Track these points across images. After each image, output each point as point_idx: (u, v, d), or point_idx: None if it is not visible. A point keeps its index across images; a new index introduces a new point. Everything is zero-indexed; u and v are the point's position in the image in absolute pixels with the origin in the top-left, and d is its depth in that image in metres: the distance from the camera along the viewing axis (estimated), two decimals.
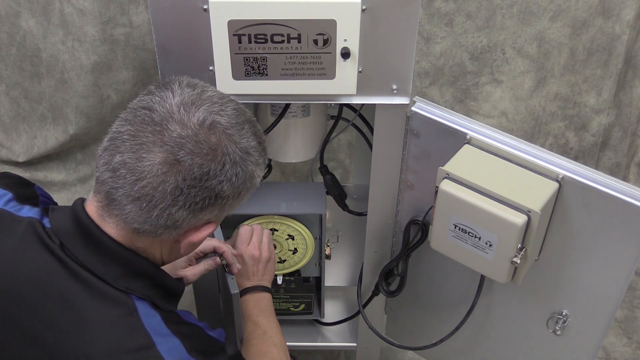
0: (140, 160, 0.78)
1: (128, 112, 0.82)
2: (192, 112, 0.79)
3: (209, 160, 0.79)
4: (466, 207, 0.96)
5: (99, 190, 0.83)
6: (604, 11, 1.80)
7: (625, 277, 0.97)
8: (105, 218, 0.83)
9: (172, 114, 0.79)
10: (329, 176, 1.31)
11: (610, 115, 1.98)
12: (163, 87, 0.82)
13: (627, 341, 1.84)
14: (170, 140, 0.78)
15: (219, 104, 0.82)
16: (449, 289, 1.23)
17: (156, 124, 0.79)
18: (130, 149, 0.79)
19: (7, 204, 0.88)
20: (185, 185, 0.79)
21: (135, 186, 0.79)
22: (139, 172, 0.78)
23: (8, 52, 1.81)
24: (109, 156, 0.80)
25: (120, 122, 0.82)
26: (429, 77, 1.90)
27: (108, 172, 0.80)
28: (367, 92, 1.02)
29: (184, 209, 0.80)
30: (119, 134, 0.80)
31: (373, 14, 0.94)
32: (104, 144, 0.82)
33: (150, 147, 0.78)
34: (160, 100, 0.80)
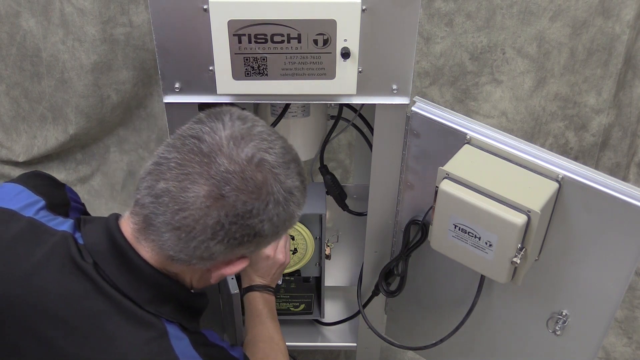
0: (184, 190, 0.77)
1: (176, 138, 0.81)
2: (241, 147, 0.79)
3: (254, 198, 0.78)
4: (466, 207, 0.96)
5: (138, 213, 0.82)
6: (603, 11, 1.80)
7: (625, 277, 0.97)
8: (141, 241, 0.83)
9: (221, 147, 0.78)
10: (329, 176, 1.31)
11: (610, 115, 1.98)
12: (214, 117, 0.81)
13: (627, 341, 1.84)
14: (217, 174, 0.77)
15: (268, 140, 0.81)
16: (449, 289, 1.23)
17: (204, 155, 0.78)
18: (175, 178, 0.78)
19: (38, 213, 0.87)
20: (227, 221, 0.78)
21: (177, 216, 0.78)
22: (182, 202, 0.78)
23: (8, 52, 1.81)
24: (152, 181, 0.80)
25: (167, 148, 0.81)
26: (429, 77, 1.91)
27: (150, 197, 0.80)
28: (367, 92, 1.02)
29: (222, 243, 0.80)
30: (166, 160, 0.80)
31: (373, 14, 0.94)
32: (148, 167, 0.82)
33: (196, 179, 0.77)
34: (210, 131, 0.79)
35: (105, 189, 2.04)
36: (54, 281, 0.82)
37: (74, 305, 0.81)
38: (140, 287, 0.83)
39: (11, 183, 0.92)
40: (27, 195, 0.89)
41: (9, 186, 0.91)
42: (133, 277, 0.83)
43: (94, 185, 2.03)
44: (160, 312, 0.84)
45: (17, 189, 0.90)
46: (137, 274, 0.83)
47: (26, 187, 0.90)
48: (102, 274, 0.82)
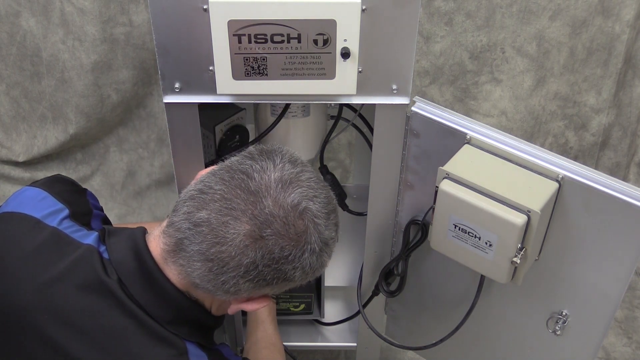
0: (225, 225, 0.77)
1: (225, 170, 0.81)
2: (288, 192, 0.79)
3: (292, 245, 0.79)
4: (466, 207, 0.96)
5: (171, 235, 0.82)
6: (603, 10, 1.80)
7: (625, 277, 0.97)
8: (169, 263, 0.83)
9: (269, 188, 0.78)
10: (329, 176, 1.31)
11: (610, 114, 1.98)
12: (266, 156, 0.82)
13: (627, 341, 1.84)
14: (260, 215, 0.77)
15: (314, 189, 0.81)
16: (449, 289, 1.23)
17: (251, 193, 0.78)
18: (218, 210, 0.78)
19: (62, 222, 0.87)
20: (262, 262, 0.78)
21: (213, 248, 0.78)
22: (221, 237, 0.77)
23: (8, 51, 1.81)
24: (193, 207, 0.80)
25: (214, 178, 0.81)
26: (428, 77, 1.91)
27: (188, 223, 0.79)
28: (367, 92, 1.02)
29: (251, 282, 0.80)
30: (211, 190, 0.80)
31: (373, 14, 0.94)
32: (190, 191, 0.82)
33: (239, 215, 0.77)
34: (260, 170, 0.80)
35: (105, 189, 2.04)
36: (77, 295, 0.82)
37: (97, 319, 0.82)
38: (163, 307, 0.83)
39: (34, 188, 0.91)
40: (51, 202, 0.89)
41: (32, 191, 0.90)
42: (157, 297, 0.83)
43: (94, 185, 2.03)
44: (180, 332, 0.84)
45: (41, 194, 0.90)
46: (161, 294, 0.83)
47: (50, 194, 0.90)
48: (125, 290, 0.82)
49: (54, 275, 0.82)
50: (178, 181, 1.13)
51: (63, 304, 0.82)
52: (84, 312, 0.82)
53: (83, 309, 0.82)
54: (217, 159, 1.25)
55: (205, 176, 0.83)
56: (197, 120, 1.06)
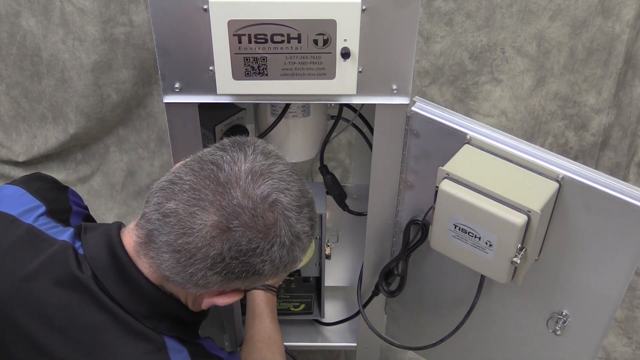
0: (192, 215, 0.76)
1: (195, 161, 0.81)
2: (257, 184, 0.78)
3: (260, 237, 0.77)
4: (466, 207, 0.96)
5: (143, 227, 0.81)
6: (603, 10, 1.80)
7: (625, 277, 0.97)
8: (141, 256, 0.83)
9: (239, 179, 0.77)
10: (329, 176, 1.31)
11: (610, 115, 1.98)
12: (237, 147, 0.81)
13: (627, 341, 1.84)
14: (228, 206, 0.76)
15: (286, 181, 0.80)
16: (449, 289, 1.23)
17: (219, 184, 0.77)
18: (186, 201, 0.77)
19: (38, 219, 0.87)
20: (228, 255, 0.77)
21: (180, 239, 0.77)
22: (187, 227, 0.77)
23: (8, 51, 1.81)
24: (163, 198, 0.79)
25: (184, 169, 0.80)
26: (428, 77, 1.91)
27: (157, 214, 0.79)
28: (367, 92, 1.02)
29: (219, 275, 0.79)
30: (180, 181, 0.79)
31: (373, 14, 0.94)
32: (162, 182, 0.81)
33: (206, 206, 0.76)
34: (230, 161, 0.79)
35: (105, 189, 2.04)
36: (52, 291, 0.82)
37: (72, 316, 0.81)
38: (138, 302, 0.83)
39: (13, 185, 0.91)
40: (28, 200, 0.89)
41: (10, 189, 0.91)
42: (132, 291, 0.83)
43: (94, 185, 2.03)
44: (158, 328, 0.84)
45: (18, 192, 0.90)
46: (135, 288, 0.83)
47: (27, 191, 0.90)
48: (100, 286, 0.82)
49: (29, 271, 0.82)
50: None
51: (39, 301, 0.82)
52: (59, 309, 0.82)
53: (59, 305, 0.82)
54: None
55: (176, 167, 0.82)
56: (197, 120, 1.06)
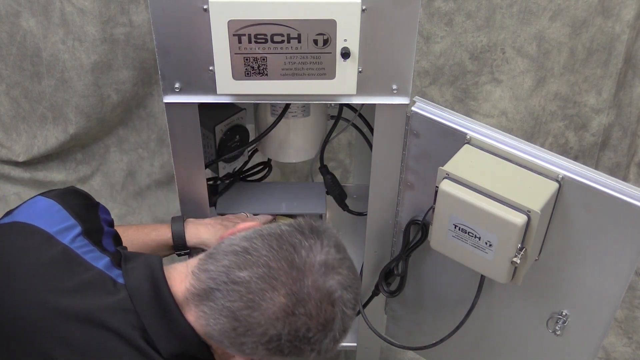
0: (263, 292, 0.78)
1: (274, 237, 0.82)
2: (328, 277, 0.80)
3: (319, 330, 0.80)
4: (466, 207, 0.96)
5: (202, 280, 0.82)
6: (603, 11, 1.80)
7: (625, 277, 0.97)
8: (190, 304, 0.83)
9: (312, 268, 0.80)
10: (329, 176, 1.31)
11: (610, 115, 1.98)
12: (315, 235, 0.83)
13: (627, 341, 1.84)
14: (298, 292, 0.78)
15: (350, 279, 0.83)
16: (449, 289, 1.23)
17: (294, 268, 0.79)
18: (259, 276, 0.79)
19: (74, 241, 0.86)
20: (286, 337, 0.79)
21: (245, 311, 0.78)
22: (255, 302, 0.78)
23: (8, 51, 1.81)
24: (234, 264, 0.80)
25: (262, 242, 0.81)
26: (428, 77, 1.90)
27: (225, 277, 0.80)
28: (367, 92, 1.02)
29: (268, 350, 0.80)
30: (256, 253, 0.80)
31: (373, 14, 0.94)
32: (234, 245, 0.82)
33: (278, 287, 0.78)
34: (308, 248, 0.81)
35: (105, 189, 2.04)
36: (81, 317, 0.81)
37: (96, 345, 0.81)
38: (172, 340, 0.83)
39: (48, 199, 0.89)
40: (63, 217, 0.87)
41: (45, 202, 0.89)
42: (169, 329, 0.83)
43: (94, 185, 2.03)
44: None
45: (54, 207, 0.88)
46: (174, 328, 0.83)
47: (63, 207, 0.88)
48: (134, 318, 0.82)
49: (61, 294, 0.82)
50: (178, 181, 1.13)
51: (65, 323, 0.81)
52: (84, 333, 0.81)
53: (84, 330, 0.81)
54: (217, 158, 1.25)
55: (253, 236, 0.83)
56: (197, 120, 1.06)
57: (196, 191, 1.15)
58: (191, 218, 1.15)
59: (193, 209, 1.17)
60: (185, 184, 1.13)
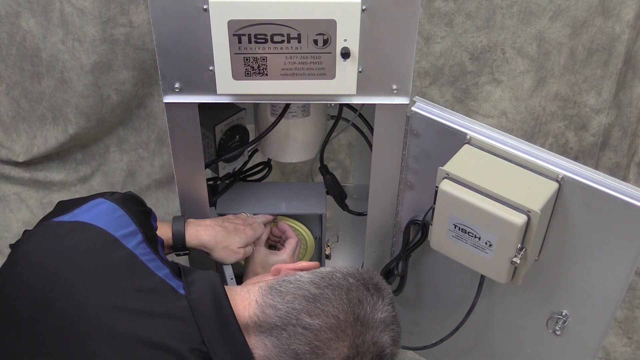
0: (330, 341, 0.83)
1: (344, 290, 0.87)
2: (384, 333, 0.87)
3: None
4: (466, 207, 0.96)
5: (268, 315, 0.86)
6: (603, 11, 1.80)
7: (625, 277, 0.97)
8: (250, 332, 0.86)
9: (374, 324, 0.86)
10: (329, 176, 1.31)
11: (610, 115, 1.98)
12: (377, 292, 0.89)
13: (627, 341, 1.84)
14: (360, 346, 0.84)
15: (399, 333, 0.91)
16: (449, 289, 1.23)
17: (360, 322, 0.85)
18: (329, 327, 0.84)
19: (138, 247, 0.87)
20: None
21: (309, 355, 0.83)
22: (321, 350, 0.83)
23: (8, 52, 1.81)
24: (305, 310, 0.85)
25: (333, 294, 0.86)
26: (428, 77, 1.91)
27: (294, 320, 0.84)
28: (367, 92, 1.02)
29: None
30: (327, 302, 0.85)
31: (373, 14, 0.94)
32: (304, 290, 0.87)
33: (343, 338, 0.84)
34: (372, 304, 0.87)
35: (105, 189, 2.04)
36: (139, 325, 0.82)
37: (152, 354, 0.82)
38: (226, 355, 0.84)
39: (110, 202, 0.90)
40: (126, 222, 0.88)
41: (107, 204, 0.89)
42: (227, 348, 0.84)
43: (94, 185, 2.03)
44: None
45: (117, 211, 0.89)
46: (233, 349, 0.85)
47: (125, 212, 0.89)
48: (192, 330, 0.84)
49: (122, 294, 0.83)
50: (178, 181, 1.13)
51: (122, 331, 0.81)
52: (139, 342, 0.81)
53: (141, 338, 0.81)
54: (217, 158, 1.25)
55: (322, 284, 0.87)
56: (197, 120, 1.06)
57: (196, 191, 1.15)
58: (192, 219, 1.15)
59: (193, 209, 1.17)
60: (185, 184, 1.13)
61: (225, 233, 1.12)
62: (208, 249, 1.12)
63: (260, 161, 1.42)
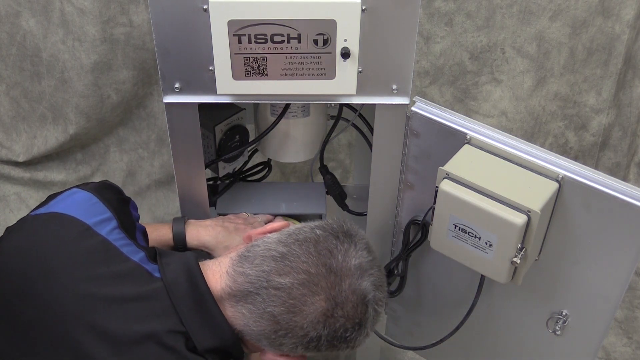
0: (304, 297, 0.81)
1: (312, 243, 0.84)
2: (363, 279, 0.83)
3: (356, 330, 0.83)
4: (466, 207, 0.96)
5: (239, 283, 0.84)
6: (603, 11, 1.80)
7: (625, 277, 0.97)
8: (225, 303, 0.85)
9: (349, 271, 0.83)
10: (329, 176, 1.31)
11: (610, 115, 1.98)
12: (348, 239, 0.86)
13: (627, 341, 1.84)
14: (337, 297, 0.81)
15: (381, 278, 0.87)
16: (449, 289, 1.23)
17: (332, 272, 0.82)
18: (302, 282, 0.81)
19: (112, 233, 0.87)
20: (325, 338, 0.82)
21: (287, 315, 0.81)
22: (297, 307, 0.81)
23: (8, 51, 1.81)
24: (274, 270, 0.82)
25: (300, 249, 0.84)
26: (428, 77, 1.91)
27: (265, 282, 0.82)
28: (367, 92, 1.02)
29: (307, 349, 0.83)
30: (295, 259, 0.83)
31: (373, 14, 0.94)
32: (272, 250, 0.84)
33: (319, 292, 0.81)
34: (343, 252, 0.84)
35: None
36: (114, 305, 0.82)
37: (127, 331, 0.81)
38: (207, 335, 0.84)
39: (85, 191, 0.90)
40: (100, 209, 0.88)
41: (82, 194, 0.90)
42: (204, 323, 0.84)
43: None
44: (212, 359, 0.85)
45: (92, 199, 0.89)
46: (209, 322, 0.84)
47: (100, 200, 0.89)
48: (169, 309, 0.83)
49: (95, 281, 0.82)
50: (178, 181, 1.13)
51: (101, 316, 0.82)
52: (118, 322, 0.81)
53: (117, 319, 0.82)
54: (217, 158, 1.25)
55: (289, 241, 0.85)
56: (197, 120, 1.06)
57: (196, 191, 1.15)
58: (192, 219, 1.15)
59: (193, 209, 1.17)
60: (185, 184, 1.13)
61: (226, 233, 1.12)
62: (209, 249, 1.12)
63: (260, 161, 1.42)
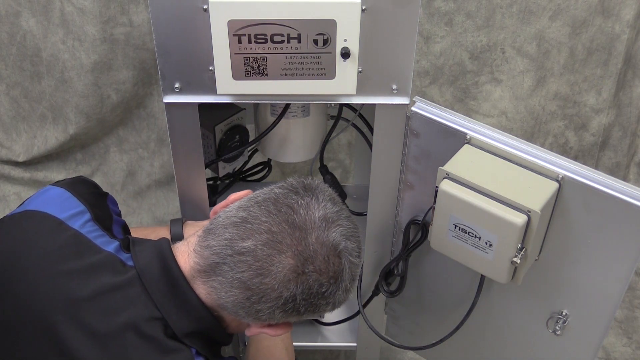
0: (270, 257, 0.79)
1: (270, 201, 0.83)
2: (330, 230, 0.81)
3: (331, 283, 0.81)
4: (466, 207, 0.96)
5: (205, 257, 0.82)
6: (603, 10, 1.80)
7: (625, 277, 0.97)
8: (197, 280, 0.83)
9: (314, 224, 0.81)
10: (329, 176, 1.31)
11: (610, 115, 1.98)
12: (310, 192, 0.84)
13: (627, 341, 1.84)
14: (304, 251, 0.79)
15: (351, 228, 0.84)
16: (449, 289, 1.23)
17: (296, 228, 0.80)
18: (264, 242, 0.79)
19: (84, 226, 0.87)
20: (300, 297, 0.80)
21: (255, 279, 0.79)
22: (265, 269, 0.79)
23: (8, 51, 1.81)
24: (237, 235, 0.81)
25: (259, 209, 0.82)
26: (428, 77, 1.91)
27: (229, 249, 0.80)
28: (367, 92, 1.02)
29: (285, 312, 0.82)
30: (255, 220, 0.81)
31: (373, 14, 0.94)
32: (232, 217, 0.83)
33: (284, 250, 0.79)
34: (305, 206, 0.82)
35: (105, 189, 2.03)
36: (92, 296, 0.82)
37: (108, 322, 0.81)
38: (183, 318, 0.83)
39: (58, 187, 0.91)
40: (73, 204, 0.89)
41: (55, 190, 0.90)
42: (179, 307, 0.83)
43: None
44: (193, 345, 0.84)
45: (64, 194, 0.89)
46: (184, 305, 0.83)
47: (73, 194, 0.90)
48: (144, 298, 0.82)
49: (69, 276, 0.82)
50: (178, 181, 1.13)
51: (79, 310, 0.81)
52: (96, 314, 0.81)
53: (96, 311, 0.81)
54: (217, 158, 1.25)
55: (248, 204, 0.84)
56: (197, 120, 1.06)
57: (196, 191, 1.15)
58: (190, 220, 1.15)
59: (193, 209, 1.17)
60: (185, 184, 1.14)
61: None
62: None
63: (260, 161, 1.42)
